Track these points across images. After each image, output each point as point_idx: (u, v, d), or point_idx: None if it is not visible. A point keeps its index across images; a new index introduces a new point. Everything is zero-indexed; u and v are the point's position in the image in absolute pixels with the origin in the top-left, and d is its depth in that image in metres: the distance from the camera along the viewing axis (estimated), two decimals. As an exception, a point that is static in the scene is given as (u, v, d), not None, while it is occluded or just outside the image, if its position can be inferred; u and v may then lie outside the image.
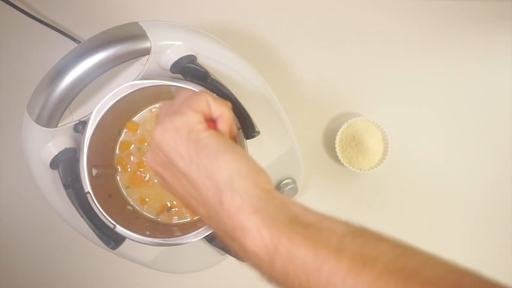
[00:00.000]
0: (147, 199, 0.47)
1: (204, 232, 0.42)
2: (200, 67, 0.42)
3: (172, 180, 0.29)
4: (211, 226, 0.28)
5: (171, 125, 0.28)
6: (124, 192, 0.47)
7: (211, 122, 0.31)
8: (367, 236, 0.26)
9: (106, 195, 0.45)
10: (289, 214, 0.25)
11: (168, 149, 0.28)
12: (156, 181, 0.41)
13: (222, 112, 0.31)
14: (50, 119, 0.41)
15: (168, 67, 0.43)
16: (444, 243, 0.64)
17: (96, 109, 0.42)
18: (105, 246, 0.42)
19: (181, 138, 0.27)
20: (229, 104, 0.32)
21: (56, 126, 0.42)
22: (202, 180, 0.26)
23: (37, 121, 0.41)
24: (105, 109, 0.42)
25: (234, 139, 0.38)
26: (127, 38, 0.41)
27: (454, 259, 0.63)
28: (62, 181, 0.42)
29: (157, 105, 0.48)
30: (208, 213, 0.27)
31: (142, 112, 0.48)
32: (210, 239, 0.42)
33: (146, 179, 0.46)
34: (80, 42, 0.62)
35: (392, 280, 0.22)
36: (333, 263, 0.22)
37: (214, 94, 0.35)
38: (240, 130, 0.42)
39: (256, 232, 0.24)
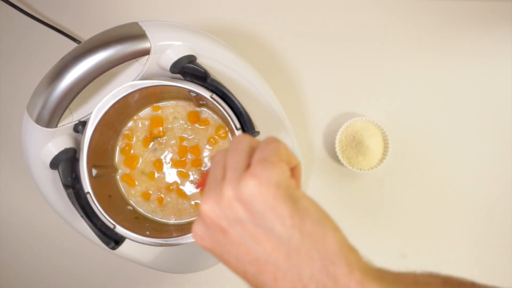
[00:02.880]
0: (136, 183, 0.47)
1: (204, 232, 0.42)
2: (200, 67, 0.42)
3: (243, 241, 0.25)
4: None
5: (269, 177, 0.24)
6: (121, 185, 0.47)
7: None
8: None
9: (106, 195, 0.45)
10: (404, 283, 0.25)
11: (264, 207, 0.24)
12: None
13: (297, 162, 0.28)
14: (50, 119, 0.41)
15: (168, 67, 0.43)
16: (445, 243, 0.64)
17: (96, 109, 0.42)
18: (105, 246, 0.42)
19: (282, 195, 0.24)
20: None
21: (56, 126, 0.42)
22: (307, 249, 0.23)
23: (37, 121, 0.41)
24: (105, 109, 0.42)
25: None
26: (127, 38, 0.41)
27: (454, 259, 0.63)
28: (62, 181, 0.42)
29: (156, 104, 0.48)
30: (293, 285, 0.23)
31: (143, 112, 0.48)
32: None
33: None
34: (80, 42, 0.62)
35: None
36: None
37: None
38: (240, 130, 0.42)
39: None
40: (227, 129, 0.48)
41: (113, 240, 0.41)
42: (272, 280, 0.24)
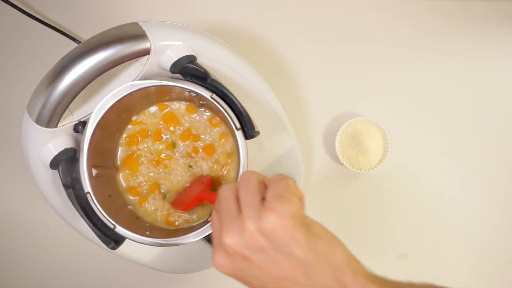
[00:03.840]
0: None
1: (204, 232, 0.42)
2: (200, 67, 0.42)
3: (265, 265, 0.29)
4: None
5: (287, 211, 0.29)
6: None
7: None
8: None
9: (106, 195, 0.45)
10: None
11: (285, 236, 0.28)
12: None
13: (302, 194, 0.32)
14: (50, 119, 0.41)
15: (168, 67, 0.43)
16: (444, 243, 0.64)
17: (96, 109, 0.42)
18: (105, 246, 0.42)
19: (298, 224, 0.29)
20: None
21: (56, 126, 0.42)
22: (321, 265, 0.28)
23: (37, 121, 0.41)
24: (105, 109, 0.42)
25: None
26: (127, 38, 0.41)
27: (453, 258, 0.63)
28: (62, 181, 0.42)
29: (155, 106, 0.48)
30: None
31: (142, 111, 0.48)
32: (210, 239, 0.42)
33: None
34: (80, 42, 0.62)
35: None
36: None
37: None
38: (240, 130, 0.42)
39: None
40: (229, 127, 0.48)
41: (113, 240, 0.41)
42: None
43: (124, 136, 0.48)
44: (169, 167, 0.47)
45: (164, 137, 0.47)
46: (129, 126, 0.48)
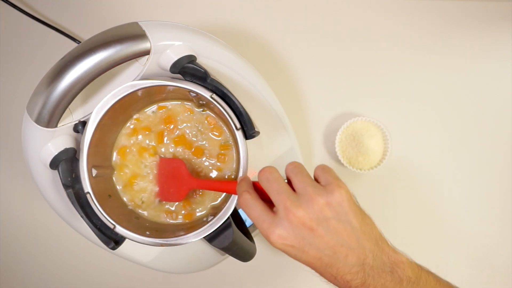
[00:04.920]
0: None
1: (204, 232, 0.42)
2: (200, 67, 0.42)
3: (327, 234, 0.34)
4: (357, 268, 0.35)
5: (347, 189, 0.36)
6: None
7: None
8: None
9: (106, 195, 0.45)
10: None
11: (347, 208, 0.35)
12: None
13: None
14: (50, 119, 0.41)
15: (168, 67, 0.43)
16: (444, 243, 0.64)
17: (96, 109, 0.42)
18: (105, 246, 0.42)
19: (353, 200, 0.36)
20: None
21: (56, 126, 0.42)
22: (368, 234, 0.35)
23: (37, 121, 0.41)
24: (105, 109, 0.42)
25: None
26: (127, 38, 0.41)
27: (454, 258, 0.63)
28: (62, 181, 0.42)
29: (155, 106, 0.48)
30: (360, 259, 0.35)
31: (143, 111, 0.48)
32: (210, 239, 0.42)
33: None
34: (80, 42, 0.62)
35: None
36: None
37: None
38: (240, 130, 0.42)
39: (408, 264, 0.36)
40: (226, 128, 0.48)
41: (113, 240, 0.41)
42: (344, 257, 0.34)
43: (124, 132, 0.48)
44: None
45: (165, 139, 0.47)
46: (128, 125, 0.48)
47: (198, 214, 0.47)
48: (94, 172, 0.43)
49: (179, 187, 0.44)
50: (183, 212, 0.47)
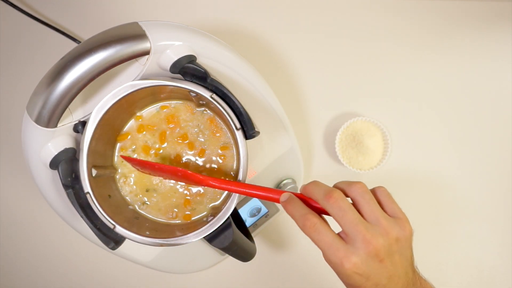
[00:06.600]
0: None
1: (204, 232, 0.42)
2: (200, 67, 0.42)
3: (390, 266, 0.37)
4: None
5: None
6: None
7: None
8: None
9: (106, 195, 0.45)
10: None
11: (410, 243, 0.38)
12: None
13: None
14: (50, 119, 0.41)
15: (168, 67, 0.43)
16: (444, 242, 0.64)
17: (96, 109, 0.42)
18: (105, 246, 0.42)
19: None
20: None
21: (56, 126, 0.42)
22: (411, 263, 0.39)
23: (37, 121, 0.41)
24: (105, 109, 0.42)
25: None
26: (126, 38, 0.41)
27: (454, 258, 0.63)
28: (62, 181, 0.42)
29: (159, 104, 0.48)
30: (404, 285, 0.38)
31: (143, 111, 0.48)
32: (210, 239, 0.42)
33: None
34: (80, 42, 0.62)
35: None
36: None
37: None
38: (240, 130, 0.42)
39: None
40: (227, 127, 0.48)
41: (113, 240, 0.41)
42: (394, 284, 0.37)
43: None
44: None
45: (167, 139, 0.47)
46: (128, 125, 0.48)
47: (198, 214, 0.47)
48: (94, 172, 0.43)
49: (193, 183, 0.43)
50: (183, 212, 0.47)
